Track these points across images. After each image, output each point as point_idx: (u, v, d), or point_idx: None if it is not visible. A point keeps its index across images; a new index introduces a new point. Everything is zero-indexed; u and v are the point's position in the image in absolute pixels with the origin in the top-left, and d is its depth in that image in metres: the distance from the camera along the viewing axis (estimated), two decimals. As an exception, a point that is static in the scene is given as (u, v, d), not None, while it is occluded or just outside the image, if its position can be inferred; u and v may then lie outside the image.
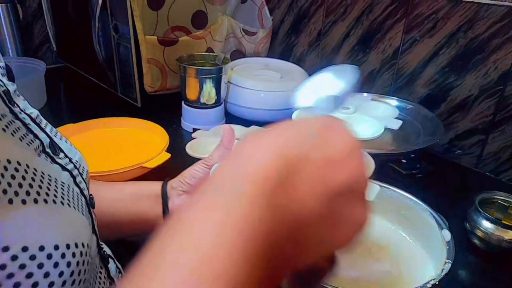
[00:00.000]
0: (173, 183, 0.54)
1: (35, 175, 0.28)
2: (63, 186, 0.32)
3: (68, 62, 1.26)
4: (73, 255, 0.29)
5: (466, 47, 0.81)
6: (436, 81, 0.88)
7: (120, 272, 0.47)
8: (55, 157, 0.35)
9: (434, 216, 0.52)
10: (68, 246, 0.29)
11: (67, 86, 1.24)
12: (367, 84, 1.01)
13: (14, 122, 0.31)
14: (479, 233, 0.62)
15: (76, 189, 0.36)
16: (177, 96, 0.97)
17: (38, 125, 0.35)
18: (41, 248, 0.26)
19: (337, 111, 0.37)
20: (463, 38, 0.81)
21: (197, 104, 0.92)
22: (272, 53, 1.22)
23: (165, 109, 1.00)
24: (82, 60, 1.17)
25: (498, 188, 0.79)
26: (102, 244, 0.42)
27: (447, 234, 0.48)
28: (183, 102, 0.94)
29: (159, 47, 0.95)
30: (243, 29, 1.10)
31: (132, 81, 0.98)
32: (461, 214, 0.65)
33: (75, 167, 0.38)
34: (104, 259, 0.42)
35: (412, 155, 0.69)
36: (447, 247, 0.46)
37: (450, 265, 0.43)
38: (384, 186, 0.58)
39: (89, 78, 1.16)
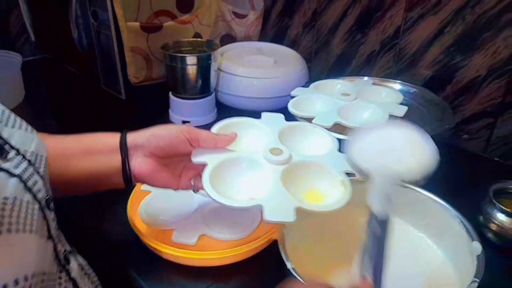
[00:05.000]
0: (138, 139, 0.48)
1: None
2: (6, 204, 0.29)
3: (48, 53, 1.18)
4: None
5: (474, 24, 0.75)
6: (441, 62, 0.82)
7: (82, 269, 0.43)
8: (1, 162, 0.31)
9: (464, 225, 0.47)
10: (16, 282, 0.27)
11: (47, 79, 1.17)
12: (367, 67, 0.95)
13: None
14: (494, 227, 0.57)
15: (27, 197, 0.32)
16: (164, 86, 0.91)
17: None
18: None
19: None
20: (470, 14, 0.75)
21: (185, 95, 0.86)
22: (264, 36, 1.15)
23: (151, 101, 0.94)
24: (63, 50, 1.10)
25: (508, 175, 0.75)
26: (58, 245, 0.38)
27: (477, 247, 0.43)
28: (170, 93, 0.88)
29: (143, 34, 0.88)
30: (232, 11, 1.03)
31: (115, 72, 0.91)
32: (472, 205, 0.61)
33: (30, 163, 0.35)
34: (64, 259, 0.39)
35: (419, 144, 0.64)
36: (476, 262, 0.41)
37: (476, 284, 0.38)
38: (410, 187, 0.53)
39: (71, 70, 1.09)
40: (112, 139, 0.48)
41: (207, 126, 0.88)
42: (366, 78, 0.83)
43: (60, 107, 0.99)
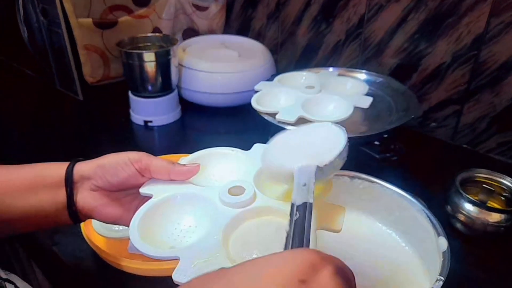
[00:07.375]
0: (85, 170, 0.42)
1: None
2: None
3: (-1, 53, 1.11)
4: None
5: (436, 10, 0.74)
6: (406, 50, 0.80)
7: None
8: None
9: (431, 220, 0.45)
10: None
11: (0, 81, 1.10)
12: (333, 57, 0.93)
13: None
14: (461, 217, 0.56)
15: None
16: (124, 85, 0.87)
17: None
18: None
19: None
20: (432, 0, 0.74)
21: (145, 93, 0.82)
22: (228, 29, 1.12)
23: (111, 100, 0.89)
24: (15, 51, 1.03)
25: (476, 162, 0.75)
26: None
27: (443, 243, 0.41)
28: (130, 92, 0.84)
29: (97, 31, 0.83)
30: (193, 4, 0.99)
31: (70, 72, 0.86)
32: (441, 195, 0.60)
33: None
34: None
35: (385, 135, 0.62)
36: (442, 259, 0.39)
37: (441, 283, 0.37)
38: (376, 182, 0.51)
39: (25, 71, 1.03)
40: (58, 170, 0.42)
41: (172, 125, 0.86)
42: (331, 69, 0.81)
43: (14, 111, 0.93)
